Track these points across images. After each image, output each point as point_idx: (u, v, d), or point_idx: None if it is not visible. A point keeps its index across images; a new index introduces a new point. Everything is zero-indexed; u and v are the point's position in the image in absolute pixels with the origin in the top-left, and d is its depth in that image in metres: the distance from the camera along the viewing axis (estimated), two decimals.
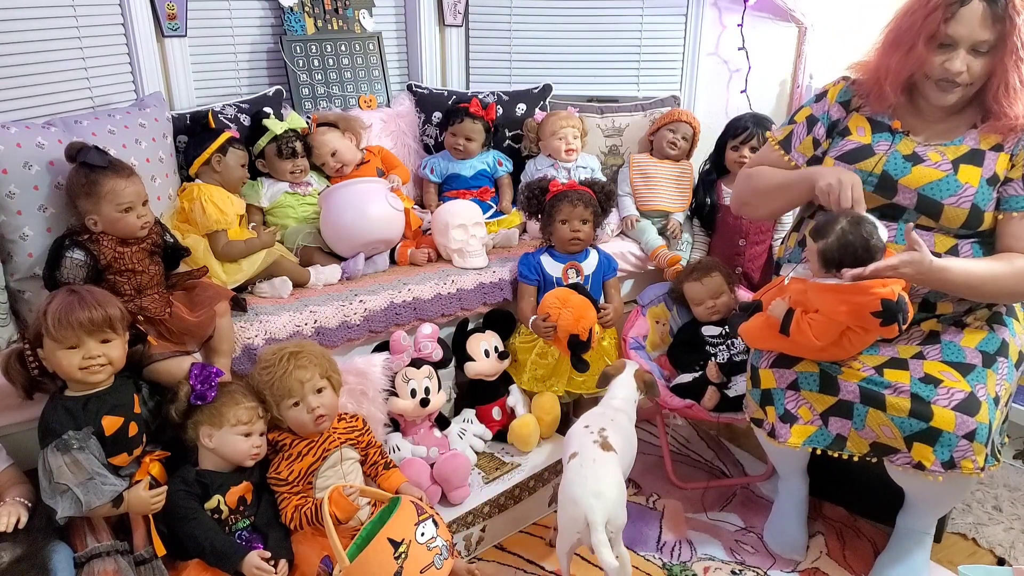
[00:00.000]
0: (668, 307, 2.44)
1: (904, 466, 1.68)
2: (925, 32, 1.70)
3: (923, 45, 1.71)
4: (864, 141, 1.86)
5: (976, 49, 1.68)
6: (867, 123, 1.89)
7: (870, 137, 1.86)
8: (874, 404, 1.69)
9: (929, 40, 1.70)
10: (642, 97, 2.94)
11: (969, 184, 1.74)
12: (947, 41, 1.69)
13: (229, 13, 2.50)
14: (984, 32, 1.65)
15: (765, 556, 2.03)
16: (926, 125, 1.83)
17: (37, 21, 2.04)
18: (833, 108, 1.94)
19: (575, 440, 1.79)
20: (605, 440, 1.76)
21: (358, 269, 2.26)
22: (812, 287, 1.73)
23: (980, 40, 1.66)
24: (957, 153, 1.77)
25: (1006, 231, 1.76)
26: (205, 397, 1.65)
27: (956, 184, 1.74)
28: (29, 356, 1.55)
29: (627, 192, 2.68)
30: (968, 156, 1.77)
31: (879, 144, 1.84)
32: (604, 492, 1.65)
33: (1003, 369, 1.74)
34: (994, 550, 2.04)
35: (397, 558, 1.47)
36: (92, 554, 1.48)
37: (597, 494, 1.64)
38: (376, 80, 2.74)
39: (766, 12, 2.99)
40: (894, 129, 1.84)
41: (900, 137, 1.83)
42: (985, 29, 1.65)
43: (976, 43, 1.67)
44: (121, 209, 1.73)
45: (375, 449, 1.87)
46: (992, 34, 1.65)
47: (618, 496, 1.68)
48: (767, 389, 1.83)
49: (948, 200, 1.75)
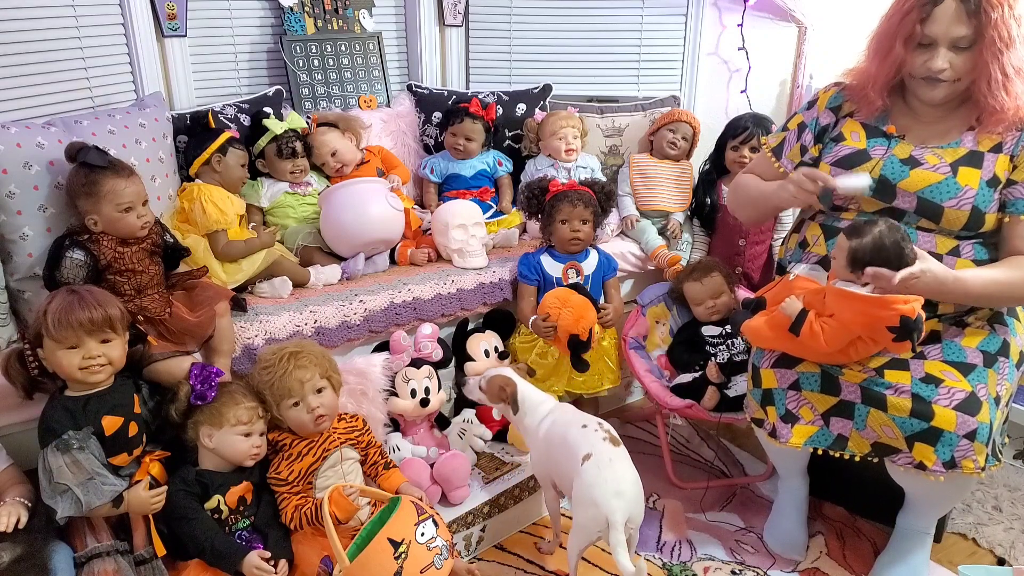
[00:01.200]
0: (668, 307, 2.44)
1: (906, 466, 1.68)
2: (902, 34, 1.73)
3: (901, 47, 1.74)
4: (859, 146, 1.87)
5: (956, 45, 1.69)
6: (861, 128, 1.90)
7: (865, 142, 1.87)
8: (875, 404, 1.69)
9: (907, 41, 1.74)
10: (642, 97, 2.94)
11: (969, 186, 1.74)
12: (926, 41, 1.71)
13: (229, 13, 2.50)
14: (960, 28, 1.67)
15: (765, 556, 2.03)
16: (922, 127, 1.84)
17: (37, 21, 2.04)
18: (823, 114, 1.96)
19: (583, 441, 1.76)
20: (612, 435, 1.78)
21: (358, 269, 2.26)
22: (832, 291, 1.71)
23: (958, 36, 1.68)
24: (955, 156, 1.78)
25: (1014, 233, 1.76)
26: (205, 397, 1.65)
27: (956, 187, 1.74)
28: (29, 356, 1.55)
29: (627, 192, 2.68)
30: (967, 158, 1.77)
31: (875, 149, 1.85)
32: (625, 491, 1.67)
33: (1004, 369, 1.74)
34: (994, 550, 2.04)
35: (397, 558, 1.47)
36: (92, 554, 1.48)
37: (618, 493, 1.65)
38: (376, 80, 2.74)
39: (766, 12, 2.99)
40: (889, 134, 1.85)
41: (896, 141, 1.83)
42: (960, 25, 1.67)
43: (954, 39, 1.69)
44: (121, 209, 1.73)
45: (375, 449, 1.87)
46: (969, 29, 1.67)
47: (638, 492, 1.70)
48: (768, 389, 1.83)
49: (948, 203, 1.75)
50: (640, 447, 2.52)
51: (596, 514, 1.64)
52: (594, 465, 1.70)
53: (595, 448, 1.73)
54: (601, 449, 1.73)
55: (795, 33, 3.06)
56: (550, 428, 1.85)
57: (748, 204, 2.11)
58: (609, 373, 2.36)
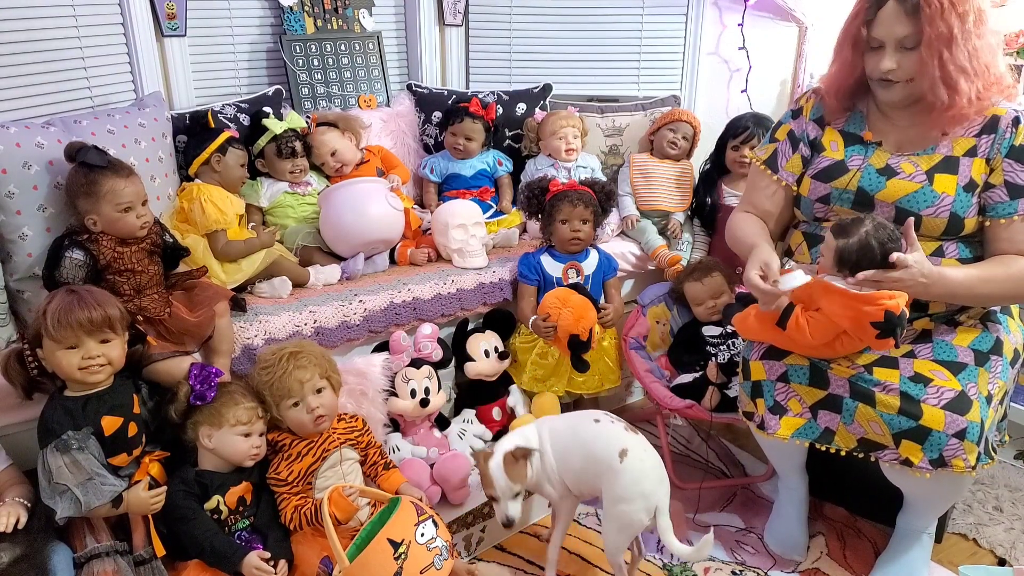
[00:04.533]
0: (668, 307, 2.44)
1: (892, 462, 1.69)
2: (850, 39, 1.79)
3: (851, 51, 1.80)
4: (837, 157, 1.88)
5: (903, 45, 1.72)
6: (839, 137, 1.91)
7: (843, 152, 1.88)
8: (864, 400, 1.69)
9: (855, 46, 1.79)
10: (642, 97, 2.94)
11: (946, 194, 1.75)
12: (875, 44, 1.76)
13: (229, 13, 2.49)
14: (901, 28, 1.70)
15: (765, 556, 2.03)
16: (896, 131, 1.85)
17: (37, 21, 2.03)
18: (809, 126, 1.96)
19: (611, 439, 1.73)
20: (628, 424, 1.79)
21: (358, 269, 2.26)
22: (819, 286, 1.72)
23: (901, 36, 1.71)
24: (931, 162, 1.78)
25: (997, 236, 1.77)
26: (204, 397, 1.65)
27: (932, 195, 1.76)
28: (28, 356, 1.54)
29: (627, 192, 2.68)
30: (942, 164, 1.78)
31: (852, 159, 1.86)
32: (664, 475, 1.71)
33: (997, 367, 1.74)
34: (995, 550, 2.04)
35: (397, 558, 1.47)
36: (91, 554, 1.48)
37: (661, 480, 1.69)
38: (376, 80, 2.74)
39: (766, 11, 2.99)
40: (866, 140, 1.86)
41: (873, 149, 1.84)
42: (901, 24, 1.70)
43: (899, 39, 1.71)
44: (120, 209, 1.73)
45: (375, 449, 1.87)
46: (910, 28, 1.69)
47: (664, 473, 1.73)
48: (757, 381, 1.84)
49: (926, 211, 1.76)
50: None
51: (647, 506, 1.66)
52: (637, 459, 1.70)
53: (627, 442, 1.72)
54: (631, 441, 1.73)
55: (795, 33, 3.06)
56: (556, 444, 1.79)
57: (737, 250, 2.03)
58: (609, 373, 2.35)
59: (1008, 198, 1.75)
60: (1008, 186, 1.75)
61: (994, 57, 1.73)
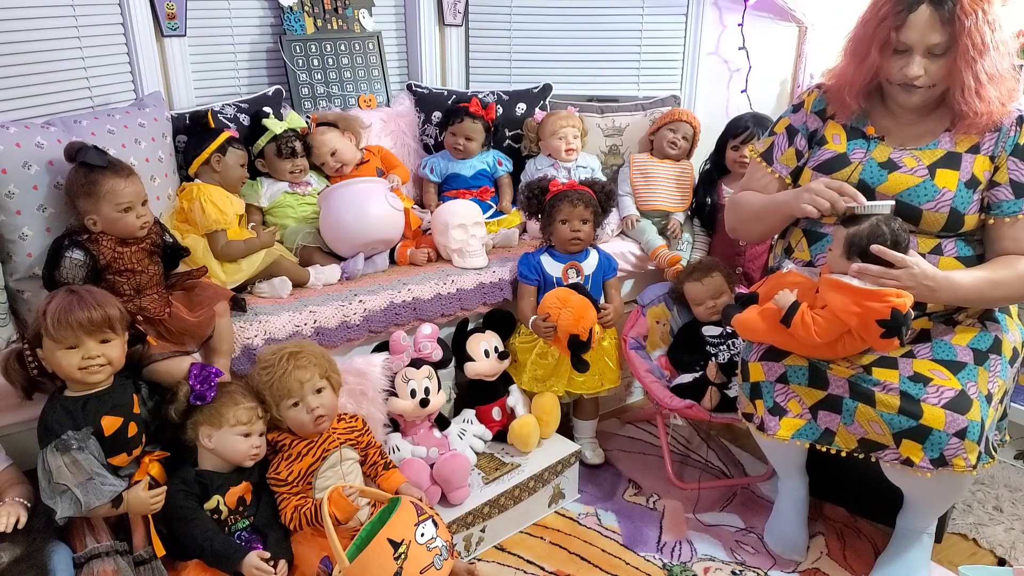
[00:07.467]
0: (668, 307, 2.44)
1: (892, 462, 1.68)
2: (878, 41, 1.75)
3: (877, 53, 1.76)
4: (839, 150, 1.88)
5: (931, 52, 1.70)
6: (842, 131, 1.91)
7: (845, 145, 1.88)
8: (863, 400, 1.69)
9: (883, 48, 1.75)
10: (642, 97, 2.94)
11: (947, 189, 1.75)
12: (901, 47, 1.73)
13: (229, 13, 2.49)
14: (935, 35, 1.68)
15: (765, 556, 2.03)
16: (900, 128, 1.85)
17: (37, 21, 2.03)
18: (810, 119, 1.97)
19: None
20: None
21: (358, 269, 2.26)
22: (826, 282, 1.72)
23: (932, 43, 1.69)
24: (933, 157, 1.79)
25: (1001, 235, 1.77)
26: (204, 397, 1.65)
27: (934, 189, 1.76)
28: (28, 356, 1.54)
29: (627, 192, 2.68)
30: (945, 160, 1.78)
31: (854, 152, 1.86)
32: None
33: (996, 366, 1.74)
34: (995, 550, 2.04)
35: (397, 558, 1.47)
36: (91, 554, 1.48)
37: None
38: (376, 80, 2.74)
39: (766, 12, 2.99)
40: (868, 135, 1.86)
41: (875, 143, 1.84)
42: (935, 32, 1.68)
43: (929, 46, 1.70)
44: (120, 209, 1.73)
45: (375, 449, 1.87)
46: (943, 36, 1.68)
47: None
48: (756, 382, 1.84)
49: (926, 206, 1.76)
50: (640, 447, 2.52)
51: None
52: None
53: None
54: None
55: (795, 33, 3.06)
56: None
57: (752, 219, 2.04)
58: (609, 373, 2.35)
59: (1013, 196, 1.75)
60: (1013, 184, 1.75)
61: (1011, 61, 1.73)
